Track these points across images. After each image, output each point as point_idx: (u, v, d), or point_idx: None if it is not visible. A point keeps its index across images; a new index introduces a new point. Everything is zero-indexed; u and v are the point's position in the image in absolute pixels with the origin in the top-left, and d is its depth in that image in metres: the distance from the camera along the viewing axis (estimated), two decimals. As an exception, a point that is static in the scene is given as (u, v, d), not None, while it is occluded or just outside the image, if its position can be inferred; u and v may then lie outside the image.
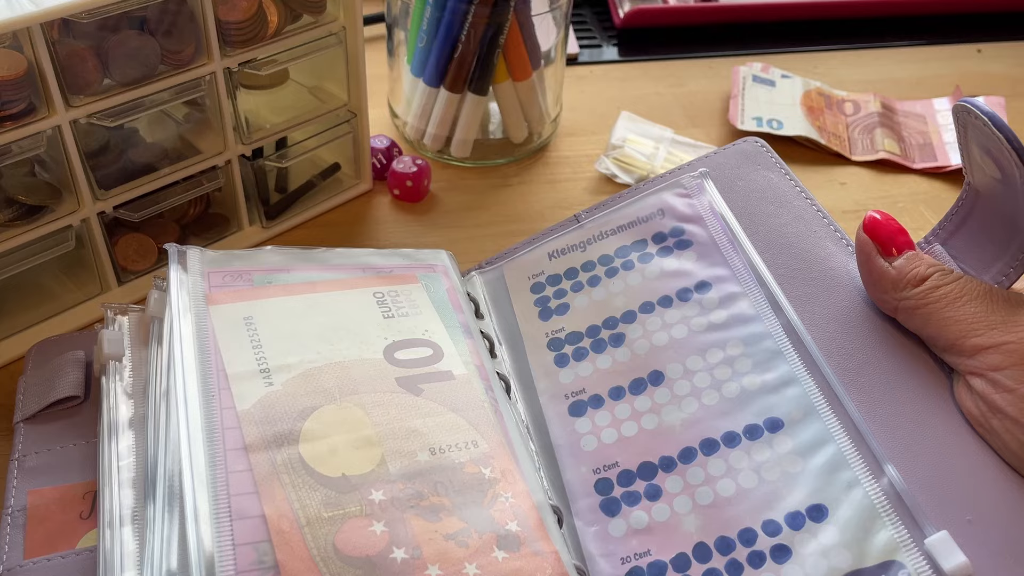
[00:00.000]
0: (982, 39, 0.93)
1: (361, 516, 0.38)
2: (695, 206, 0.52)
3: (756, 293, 0.48)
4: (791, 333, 0.46)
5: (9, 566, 0.40)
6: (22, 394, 0.48)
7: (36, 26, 0.46)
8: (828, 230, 0.50)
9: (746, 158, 0.55)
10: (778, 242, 0.50)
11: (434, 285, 0.52)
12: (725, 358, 0.46)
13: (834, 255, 0.49)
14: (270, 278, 0.49)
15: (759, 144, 0.55)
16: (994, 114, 0.43)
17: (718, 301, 0.48)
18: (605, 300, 0.51)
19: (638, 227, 0.53)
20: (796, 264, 0.49)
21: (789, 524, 0.40)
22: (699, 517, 0.42)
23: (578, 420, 0.47)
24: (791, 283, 0.48)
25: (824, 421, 0.43)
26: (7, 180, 0.50)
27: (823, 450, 0.42)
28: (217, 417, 0.40)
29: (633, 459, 0.45)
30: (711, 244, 0.51)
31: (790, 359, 0.45)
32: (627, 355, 0.48)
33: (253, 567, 0.35)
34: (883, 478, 0.40)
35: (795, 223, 0.51)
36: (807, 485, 0.41)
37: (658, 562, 0.41)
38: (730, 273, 0.49)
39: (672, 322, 0.48)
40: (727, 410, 0.45)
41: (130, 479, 0.41)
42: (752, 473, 0.42)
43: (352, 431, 0.42)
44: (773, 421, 0.44)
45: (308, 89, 0.64)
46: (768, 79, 0.81)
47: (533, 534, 0.40)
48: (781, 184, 0.53)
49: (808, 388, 0.44)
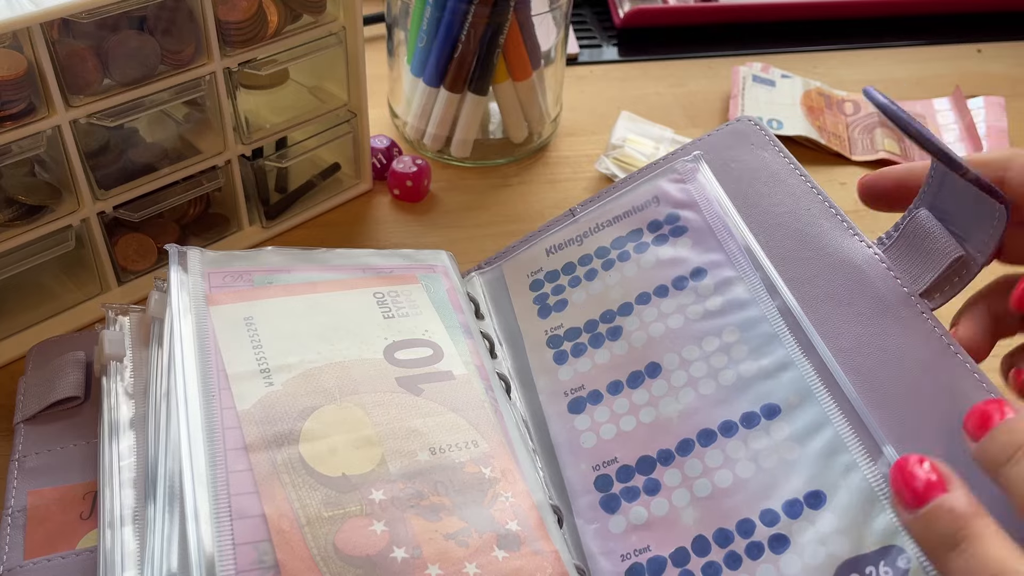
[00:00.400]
0: (982, 39, 0.93)
1: (361, 516, 0.38)
2: (689, 191, 0.52)
3: (752, 277, 0.48)
4: (787, 316, 0.46)
5: (9, 566, 0.40)
6: (22, 395, 0.48)
7: (36, 26, 0.46)
8: (823, 207, 0.49)
9: (740, 137, 0.54)
10: (772, 222, 0.50)
11: (434, 285, 0.52)
12: (721, 345, 0.46)
13: (828, 232, 0.48)
14: (270, 278, 0.49)
15: (752, 123, 0.54)
16: (887, 104, 0.42)
17: (713, 287, 0.48)
18: (602, 293, 0.51)
19: (633, 216, 0.53)
20: (790, 245, 0.48)
21: (787, 513, 0.40)
22: (697, 510, 0.42)
23: (577, 417, 0.47)
24: (786, 264, 0.48)
25: (821, 404, 0.42)
26: (7, 180, 0.50)
27: (820, 434, 0.42)
28: (217, 417, 0.40)
29: (632, 454, 0.45)
30: (706, 229, 0.50)
31: (786, 342, 0.45)
32: (624, 348, 0.48)
33: (253, 567, 0.35)
34: (881, 460, 0.40)
35: (789, 202, 0.50)
36: (805, 471, 0.41)
37: (657, 558, 0.41)
38: (725, 258, 0.49)
39: (668, 312, 0.48)
40: (724, 398, 0.45)
41: (131, 479, 0.41)
42: (749, 462, 0.42)
43: (352, 431, 0.42)
44: (770, 407, 0.43)
45: (308, 89, 0.64)
46: (768, 79, 0.81)
47: (533, 533, 0.41)
48: (775, 162, 0.52)
49: (805, 371, 0.44)
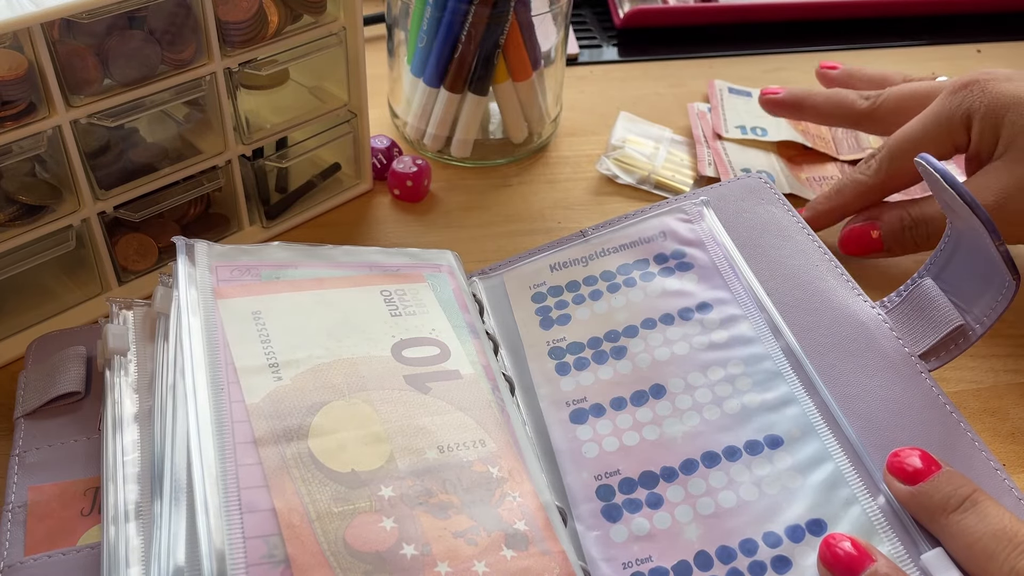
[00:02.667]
0: (982, 39, 0.93)
1: (371, 511, 0.38)
2: (696, 231, 0.54)
3: (756, 317, 0.49)
4: (790, 356, 0.47)
5: (10, 563, 0.40)
6: (22, 389, 0.48)
7: (36, 26, 0.45)
8: (829, 266, 0.51)
9: (749, 192, 0.56)
10: (781, 272, 0.51)
11: (440, 285, 0.52)
12: (726, 376, 0.47)
13: (835, 290, 0.50)
14: (278, 273, 0.49)
15: (761, 179, 0.56)
16: (945, 170, 0.44)
17: (719, 322, 0.49)
18: (607, 314, 0.51)
19: (640, 247, 0.54)
20: (798, 294, 0.50)
21: (789, 536, 0.41)
22: (700, 526, 0.42)
23: (579, 427, 0.47)
24: (793, 312, 0.49)
25: (823, 440, 0.44)
26: (7, 180, 0.50)
27: (822, 467, 0.43)
28: (226, 410, 0.40)
29: (635, 467, 0.45)
30: (712, 268, 0.52)
31: (789, 380, 0.46)
32: (628, 367, 0.49)
33: (263, 560, 0.35)
34: (880, 496, 0.41)
35: (797, 256, 0.52)
36: (806, 500, 0.42)
37: (660, 568, 0.42)
38: (731, 296, 0.50)
39: (674, 339, 0.49)
40: (728, 425, 0.45)
41: (135, 474, 0.41)
42: (753, 486, 0.43)
43: (361, 427, 0.42)
44: (773, 438, 0.44)
45: (308, 89, 0.64)
46: (743, 90, 0.81)
47: (540, 533, 0.40)
48: (783, 219, 0.54)
49: (807, 408, 0.45)
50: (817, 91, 0.67)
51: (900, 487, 0.40)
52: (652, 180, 0.70)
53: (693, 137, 0.75)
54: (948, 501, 0.39)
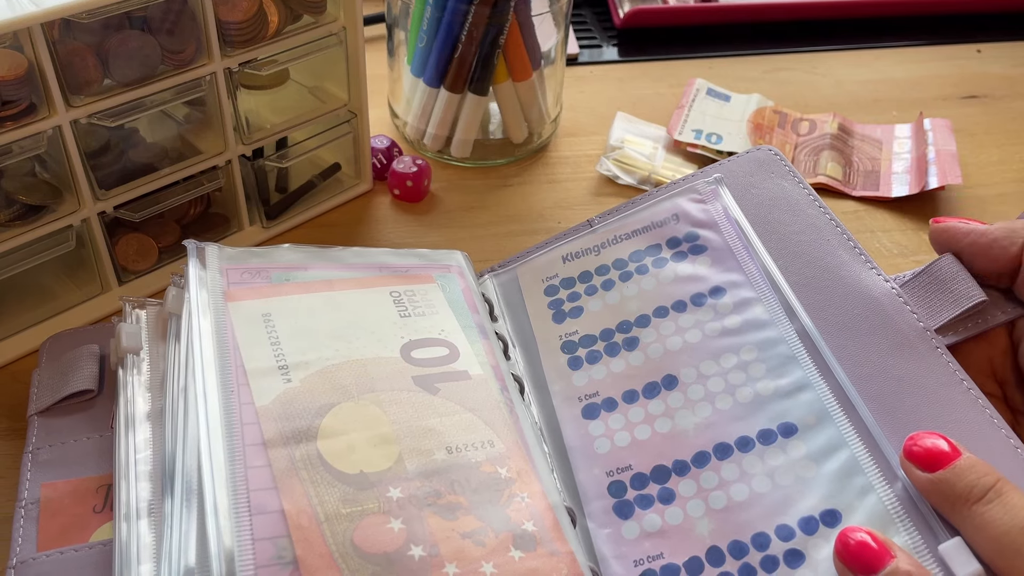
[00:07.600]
0: (982, 39, 0.93)
1: (379, 513, 0.38)
2: (709, 211, 0.52)
3: (770, 299, 0.48)
4: (805, 339, 0.46)
5: (23, 558, 0.40)
6: (36, 387, 0.48)
7: (36, 26, 0.45)
8: (841, 239, 0.50)
9: (760, 165, 0.54)
10: (792, 249, 0.50)
11: (450, 285, 0.52)
12: (739, 363, 0.46)
13: (846, 264, 0.48)
14: (288, 275, 0.49)
15: (772, 152, 0.55)
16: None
17: (732, 306, 0.48)
18: (619, 304, 0.51)
19: (652, 232, 0.53)
20: (809, 272, 0.49)
21: (803, 529, 0.40)
22: (712, 521, 0.42)
23: (591, 423, 0.47)
24: (804, 290, 0.48)
25: (838, 426, 0.42)
26: (7, 180, 0.50)
27: (837, 455, 0.42)
28: (236, 412, 0.40)
29: (646, 462, 0.45)
30: (725, 250, 0.50)
31: (804, 364, 0.45)
32: (640, 359, 0.48)
33: (272, 562, 0.35)
34: (897, 484, 0.40)
35: (808, 231, 0.50)
36: (821, 490, 0.41)
37: (671, 565, 0.41)
38: (744, 279, 0.49)
39: (686, 327, 0.48)
40: (741, 415, 0.44)
41: (147, 472, 0.41)
42: (766, 478, 0.42)
43: (370, 428, 0.42)
44: (787, 426, 0.43)
45: (308, 89, 0.63)
46: (723, 93, 0.80)
47: (549, 534, 0.40)
48: (795, 192, 0.52)
49: (822, 393, 0.44)
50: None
51: (919, 474, 0.39)
52: (653, 180, 0.70)
53: None
54: (971, 491, 0.37)
